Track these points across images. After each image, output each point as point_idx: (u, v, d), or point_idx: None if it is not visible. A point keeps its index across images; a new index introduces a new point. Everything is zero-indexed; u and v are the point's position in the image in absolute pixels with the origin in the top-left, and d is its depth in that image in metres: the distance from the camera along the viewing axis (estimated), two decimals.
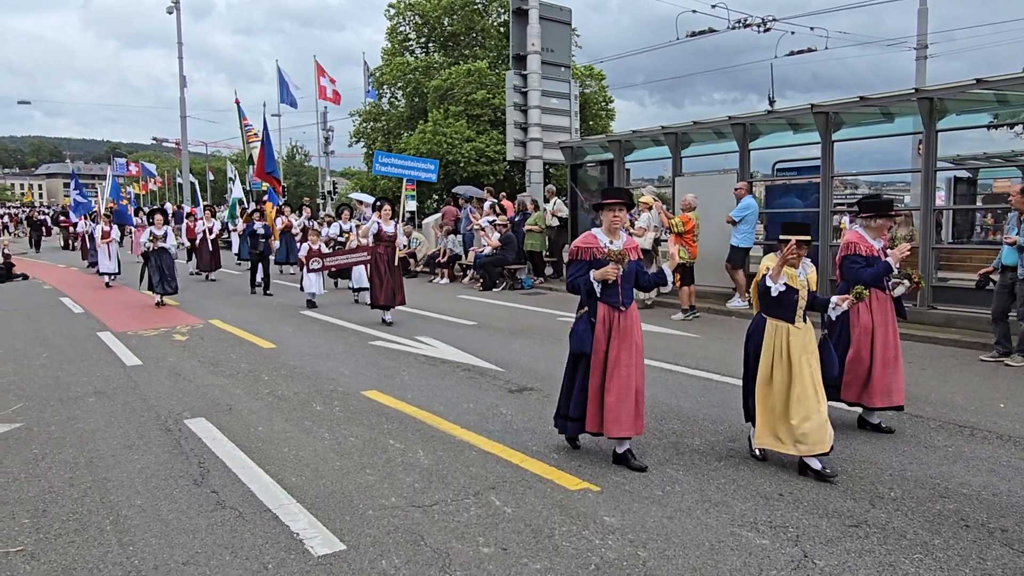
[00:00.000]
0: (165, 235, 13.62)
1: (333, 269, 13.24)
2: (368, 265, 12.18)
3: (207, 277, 18.62)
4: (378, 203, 11.54)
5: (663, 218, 12.59)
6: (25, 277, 19.70)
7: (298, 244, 18.70)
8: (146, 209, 28.03)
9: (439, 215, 20.58)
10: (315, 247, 13.85)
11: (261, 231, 15.67)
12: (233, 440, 5.68)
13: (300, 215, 20.74)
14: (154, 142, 68.85)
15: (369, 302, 11.50)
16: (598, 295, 5.03)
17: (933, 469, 4.99)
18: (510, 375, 7.81)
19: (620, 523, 4.16)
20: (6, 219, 51.17)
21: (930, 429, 5.86)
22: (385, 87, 38.57)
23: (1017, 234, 7.95)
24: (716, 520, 4.20)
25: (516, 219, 16.82)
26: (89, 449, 5.55)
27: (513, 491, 4.63)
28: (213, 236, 18.85)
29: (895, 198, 20.50)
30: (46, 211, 54.58)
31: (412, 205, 27.97)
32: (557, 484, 4.74)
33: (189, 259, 19.97)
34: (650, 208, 12.75)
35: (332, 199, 32.03)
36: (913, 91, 10.66)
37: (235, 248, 22.25)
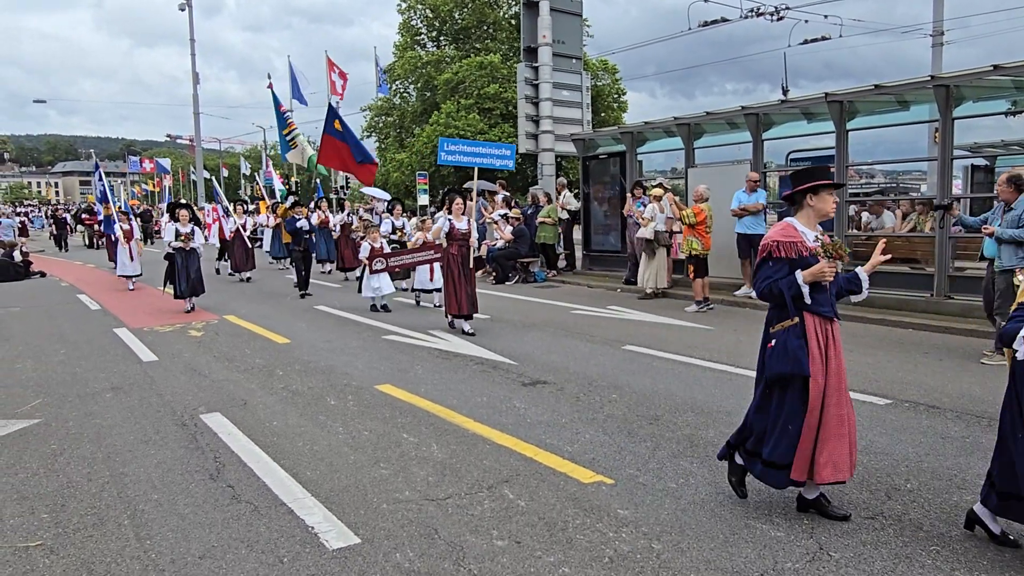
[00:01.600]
0: (192, 233, 12.47)
1: (397, 270, 12.18)
2: (434, 267, 11.56)
3: (241, 278, 17.43)
4: (447, 196, 10.35)
5: (675, 209, 12.54)
6: (43, 275, 19.91)
7: (335, 240, 17.90)
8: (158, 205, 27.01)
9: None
10: (376, 246, 12.51)
11: (307, 227, 14.60)
12: (248, 435, 5.72)
13: (342, 210, 19.52)
14: (168, 139, 69.24)
15: (442, 307, 10.53)
16: (808, 302, 4.02)
17: (950, 460, 4.94)
18: (523, 368, 7.81)
19: (634, 516, 4.16)
20: (24, 218, 51.51)
21: (947, 420, 5.81)
22: (397, 82, 38.56)
23: (998, 224, 7.64)
24: (730, 512, 4.18)
25: (529, 212, 16.81)
26: (106, 444, 5.60)
27: (527, 484, 4.64)
28: (248, 233, 17.84)
29: (911, 187, 20.29)
30: (69, 208, 54.59)
31: (424, 199, 27.98)
32: (571, 477, 4.74)
33: (220, 258, 19.05)
34: (659, 199, 12.72)
35: (345, 194, 32.11)
36: (929, 78, 10.54)
37: (267, 246, 21.35)
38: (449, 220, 9.88)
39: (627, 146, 15.64)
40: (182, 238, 12.20)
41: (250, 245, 17.67)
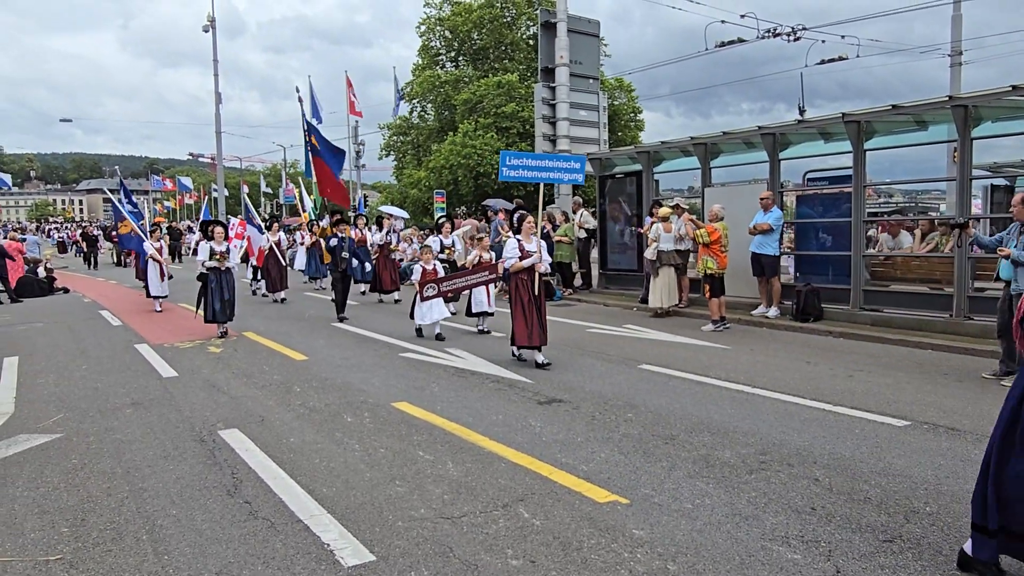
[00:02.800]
0: (227, 252, 11.62)
1: (450, 295, 10.98)
2: (490, 289, 10.89)
3: (275, 299, 16.65)
4: (518, 215, 9.42)
5: (689, 228, 12.56)
6: (66, 291, 20.20)
7: (373, 259, 16.73)
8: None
9: (466, 227, 20.61)
10: (429, 268, 11.64)
11: (336, 244, 13.19)
12: (265, 451, 5.76)
13: (380, 229, 17.71)
14: (190, 157, 70.40)
15: (490, 331, 9.52)
16: None
17: (970, 483, 4.84)
18: (539, 387, 7.82)
19: (649, 536, 4.14)
20: (57, 235, 52.12)
21: (967, 443, 5.75)
22: (415, 100, 38.89)
23: (1015, 246, 7.54)
24: (747, 534, 4.16)
25: (545, 231, 16.86)
26: (126, 459, 5.66)
27: (542, 503, 4.64)
28: (282, 250, 17.04)
29: (929, 206, 20.18)
30: (94, 224, 54.86)
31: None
32: (586, 496, 4.73)
33: (255, 278, 18.41)
34: (665, 219, 12.76)
35: (362, 212, 32.39)
36: (947, 98, 10.51)
37: (300, 264, 20.58)
38: (519, 241, 8.99)
39: (643, 165, 15.68)
40: (216, 257, 11.40)
41: (284, 264, 16.90)
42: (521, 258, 8.90)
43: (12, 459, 5.77)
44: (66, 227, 68.21)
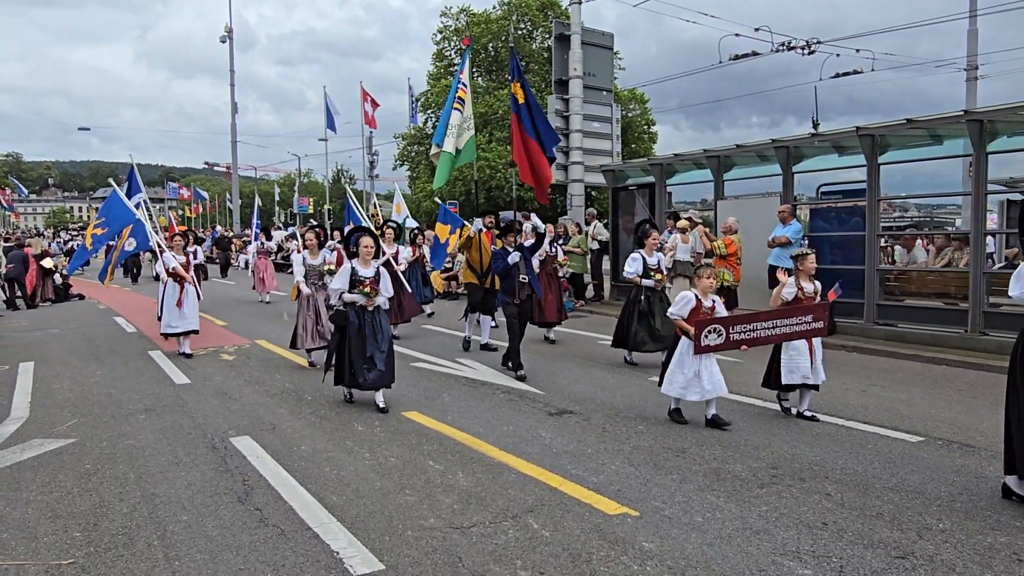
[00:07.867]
0: (378, 278, 7.42)
1: (745, 347, 6.62)
2: (813, 344, 6.91)
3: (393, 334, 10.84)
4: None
5: (704, 241, 12.53)
6: (81, 297, 20.40)
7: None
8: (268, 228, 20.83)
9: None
10: (708, 304, 6.97)
11: (509, 263, 8.98)
12: (276, 459, 5.79)
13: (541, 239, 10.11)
14: (206, 166, 70.89)
15: (811, 415, 6.74)
16: None
17: (985, 501, 4.84)
18: (550, 398, 7.81)
19: (659, 549, 4.13)
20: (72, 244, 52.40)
21: (982, 459, 5.70)
22: (429, 110, 39.14)
23: None
24: (757, 548, 4.13)
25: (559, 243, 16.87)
26: (139, 465, 5.70)
27: (551, 514, 4.63)
28: (402, 267, 12.55)
29: (945, 221, 20.04)
30: None
31: None
32: (596, 508, 4.72)
33: None
34: (684, 231, 12.73)
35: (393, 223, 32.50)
36: (962, 113, 10.47)
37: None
38: None
39: (656, 178, 15.68)
40: (363, 288, 7.27)
41: (406, 285, 12.30)
42: None
43: (26, 463, 5.82)
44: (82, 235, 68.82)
